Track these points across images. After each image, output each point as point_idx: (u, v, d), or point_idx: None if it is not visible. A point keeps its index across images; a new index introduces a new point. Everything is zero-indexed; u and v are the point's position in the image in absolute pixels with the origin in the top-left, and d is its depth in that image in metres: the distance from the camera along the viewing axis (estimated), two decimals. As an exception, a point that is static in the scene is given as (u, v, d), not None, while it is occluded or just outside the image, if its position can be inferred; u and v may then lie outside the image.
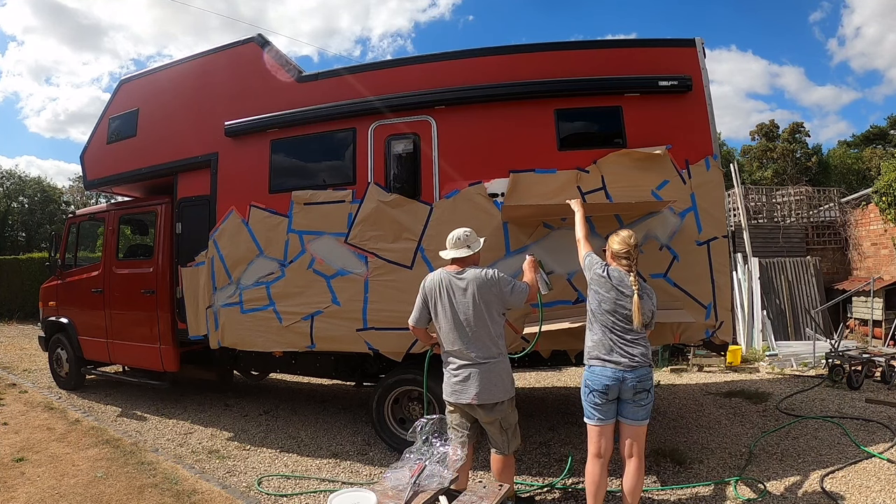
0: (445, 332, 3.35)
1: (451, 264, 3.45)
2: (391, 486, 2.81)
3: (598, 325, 3.26)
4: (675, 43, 4.49)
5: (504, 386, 3.31)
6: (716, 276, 4.20)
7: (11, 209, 27.55)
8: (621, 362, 3.15)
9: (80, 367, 6.83)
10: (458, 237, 3.43)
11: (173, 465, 4.46)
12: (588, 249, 3.46)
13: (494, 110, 4.49)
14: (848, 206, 11.88)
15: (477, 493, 2.93)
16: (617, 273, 3.25)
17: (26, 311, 14.52)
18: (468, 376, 3.26)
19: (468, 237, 3.45)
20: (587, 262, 3.39)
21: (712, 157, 4.26)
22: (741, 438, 4.85)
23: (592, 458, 3.26)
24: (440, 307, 3.35)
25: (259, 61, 5.29)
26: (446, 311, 3.32)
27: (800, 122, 28.49)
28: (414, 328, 3.55)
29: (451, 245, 3.45)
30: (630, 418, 3.21)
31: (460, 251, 3.41)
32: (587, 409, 3.27)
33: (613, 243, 3.33)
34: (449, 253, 3.44)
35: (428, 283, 3.44)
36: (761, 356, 8.56)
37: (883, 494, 3.66)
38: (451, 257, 3.43)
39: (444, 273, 3.41)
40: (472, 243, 3.44)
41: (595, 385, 3.20)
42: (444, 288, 3.35)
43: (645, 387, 3.18)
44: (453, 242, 3.44)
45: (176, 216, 5.64)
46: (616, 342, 3.18)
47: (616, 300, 3.19)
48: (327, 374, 5.83)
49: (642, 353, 3.20)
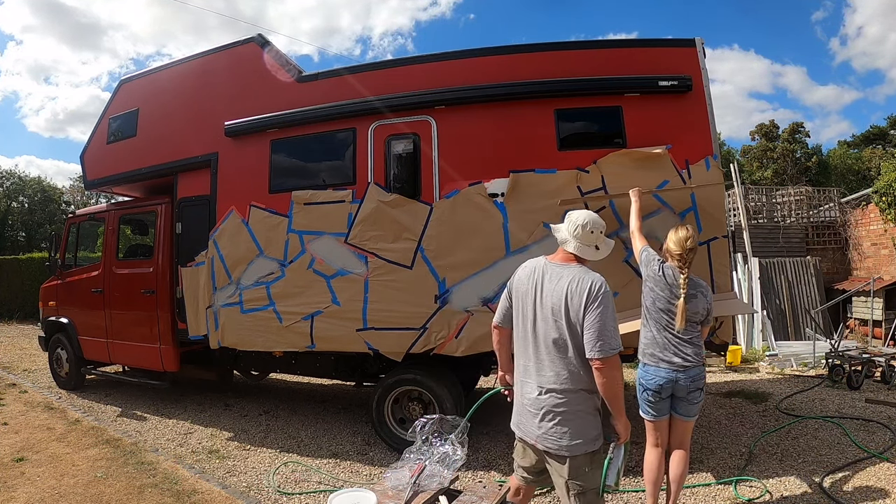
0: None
1: (560, 255, 2.58)
2: (391, 486, 2.82)
3: (652, 323, 3.30)
4: (675, 43, 4.49)
5: (583, 435, 2.42)
6: (716, 277, 4.20)
7: (11, 209, 27.56)
8: (675, 362, 3.19)
9: (80, 367, 6.83)
10: (592, 228, 2.52)
11: (173, 465, 4.46)
12: (644, 243, 3.42)
13: (494, 110, 4.49)
14: (848, 206, 11.87)
15: (477, 492, 2.93)
16: (671, 271, 3.26)
17: (26, 311, 14.51)
18: (542, 408, 2.45)
19: (602, 234, 2.57)
20: (644, 257, 3.37)
21: (712, 157, 4.26)
22: (741, 438, 4.85)
23: (650, 447, 3.35)
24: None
25: (259, 61, 5.29)
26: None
27: (800, 122, 28.55)
28: (497, 327, 2.74)
29: (576, 234, 2.52)
30: (682, 414, 3.28)
31: (586, 249, 2.53)
32: (642, 405, 3.34)
33: (670, 242, 3.31)
34: (571, 243, 2.53)
35: (520, 268, 2.66)
36: (761, 356, 8.55)
37: (883, 494, 3.66)
38: (571, 250, 2.53)
39: (546, 263, 2.57)
40: (601, 244, 2.59)
41: (649, 385, 3.25)
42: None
43: (698, 385, 3.23)
44: (581, 234, 2.51)
45: (176, 216, 5.63)
46: (670, 340, 3.22)
47: (669, 299, 3.22)
48: (327, 374, 5.83)
49: (695, 352, 3.24)
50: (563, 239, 2.56)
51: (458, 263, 4.43)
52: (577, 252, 2.51)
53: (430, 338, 4.48)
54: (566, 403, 2.40)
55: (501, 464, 4.45)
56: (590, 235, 2.51)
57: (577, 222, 2.52)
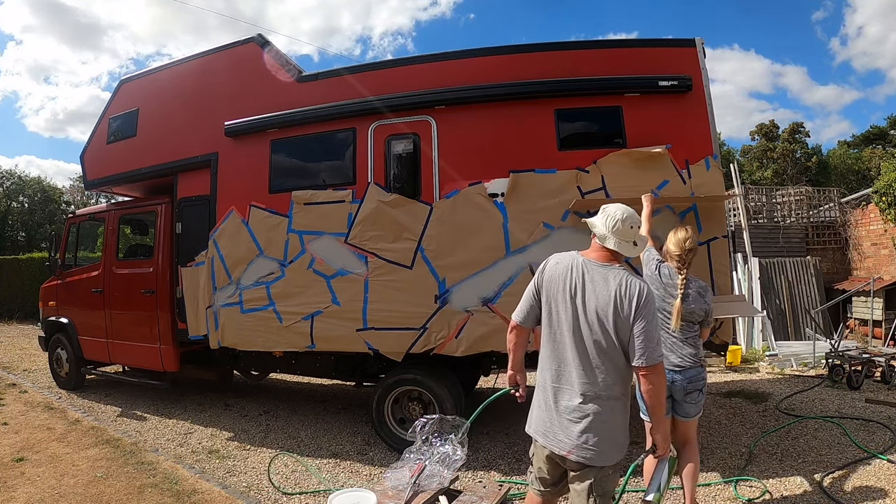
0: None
1: (598, 253, 2.42)
2: (391, 486, 2.82)
3: None
4: (676, 43, 4.49)
5: (619, 443, 2.36)
6: (716, 277, 4.20)
7: (11, 209, 27.55)
8: (671, 360, 3.18)
9: (80, 367, 6.83)
10: (631, 223, 2.39)
11: (173, 465, 4.46)
12: (649, 244, 3.41)
13: (494, 110, 4.49)
14: (848, 206, 11.87)
15: (477, 492, 2.93)
16: (668, 271, 3.27)
17: (26, 311, 14.50)
18: (585, 415, 2.30)
19: (639, 228, 2.45)
20: (644, 256, 3.38)
21: (712, 157, 4.26)
22: (741, 438, 4.85)
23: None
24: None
25: (259, 61, 5.29)
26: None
27: (800, 122, 28.59)
28: (518, 327, 2.54)
29: (615, 229, 2.36)
30: (681, 415, 3.25)
31: (625, 245, 2.38)
32: (641, 406, 3.30)
33: (669, 243, 3.32)
34: (610, 239, 2.37)
35: (551, 264, 2.47)
36: (761, 356, 8.55)
37: (883, 494, 3.66)
38: (612, 247, 2.37)
39: (585, 261, 2.40)
40: (639, 240, 2.45)
41: None
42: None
43: (696, 387, 3.21)
44: (621, 228, 2.36)
45: (176, 216, 5.63)
46: (666, 340, 3.22)
47: (664, 298, 3.22)
48: (327, 374, 5.83)
49: (693, 353, 3.22)
50: (603, 235, 2.38)
51: (458, 263, 4.43)
52: (617, 249, 2.35)
53: (430, 338, 4.48)
54: (610, 410, 2.30)
55: (501, 464, 4.45)
56: (629, 231, 2.36)
57: (616, 216, 2.36)
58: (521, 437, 5.00)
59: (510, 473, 4.25)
